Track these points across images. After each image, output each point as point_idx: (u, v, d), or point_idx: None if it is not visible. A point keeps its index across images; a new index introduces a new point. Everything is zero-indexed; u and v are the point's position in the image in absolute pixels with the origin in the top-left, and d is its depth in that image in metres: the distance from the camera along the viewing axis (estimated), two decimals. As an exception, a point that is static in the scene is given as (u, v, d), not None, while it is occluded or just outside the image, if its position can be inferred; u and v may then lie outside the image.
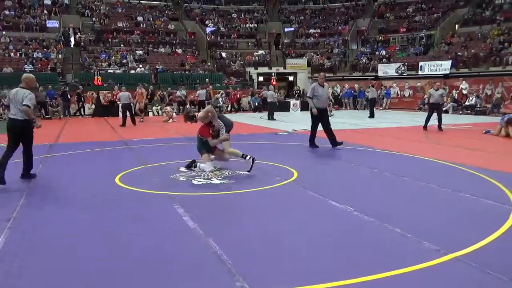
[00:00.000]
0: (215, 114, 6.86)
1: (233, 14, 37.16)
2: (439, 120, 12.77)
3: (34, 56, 25.61)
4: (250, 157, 6.69)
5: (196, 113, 7.44)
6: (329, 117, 9.83)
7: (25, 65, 24.05)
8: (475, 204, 4.91)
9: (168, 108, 19.06)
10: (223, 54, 31.75)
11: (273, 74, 28.97)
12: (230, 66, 30.24)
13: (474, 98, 21.17)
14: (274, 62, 31.74)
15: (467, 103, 21.49)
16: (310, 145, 9.42)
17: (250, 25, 35.65)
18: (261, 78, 31.00)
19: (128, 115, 15.73)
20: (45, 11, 30.43)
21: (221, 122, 6.90)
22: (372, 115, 18.41)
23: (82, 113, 21.59)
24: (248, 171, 6.61)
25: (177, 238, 3.89)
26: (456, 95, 22.54)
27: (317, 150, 9.23)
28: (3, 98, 19.56)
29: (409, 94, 25.59)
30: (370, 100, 19.20)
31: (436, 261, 3.26)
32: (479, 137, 11.39)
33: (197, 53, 31.31)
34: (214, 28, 34.20)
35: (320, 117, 9.17)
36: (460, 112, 21.09)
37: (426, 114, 13.50)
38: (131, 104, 15.99)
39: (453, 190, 5.53)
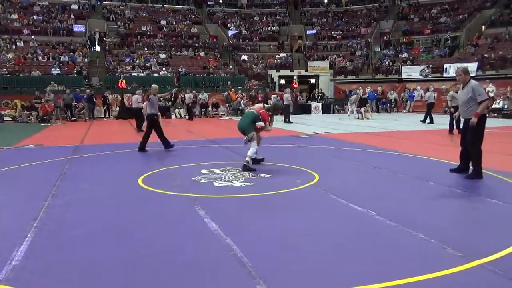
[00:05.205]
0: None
1: (255, 17, 37.28)
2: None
3: (61, 59, 26.29)
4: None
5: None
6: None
7: (53, 69, 24.73)
8: (502, 210, 4.78)
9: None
10: (245, 57, 31.89)
11: (294, 77, 28.88)
12: (252, 69, 30.34)
13: (501, 101, 20.62)
14: (296, 65, 31.68)
15: (494, 106, 20.96)
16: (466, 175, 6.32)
17: (272, 28, 35.70)
18: (282, 81, 31.00)
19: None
20: (72, 16, 31.22)
21: None
22: (425, 120, 17.23)
23: (108, 115, 21.96)
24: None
25: (198, 240, 3.91)
26: (483, 98, 21.96)
27: (339, 152, 9.12)
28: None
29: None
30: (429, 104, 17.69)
31: (460, 267, 3.18)
32: (510, 141, 11.07)
33: (219, 56, 31.54)
34: (236, 31, 34.40)
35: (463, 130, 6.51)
36: (487, 115, 20.50)
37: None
38: (140, 108, 14.60)
39: (478, 195, 5.41)
